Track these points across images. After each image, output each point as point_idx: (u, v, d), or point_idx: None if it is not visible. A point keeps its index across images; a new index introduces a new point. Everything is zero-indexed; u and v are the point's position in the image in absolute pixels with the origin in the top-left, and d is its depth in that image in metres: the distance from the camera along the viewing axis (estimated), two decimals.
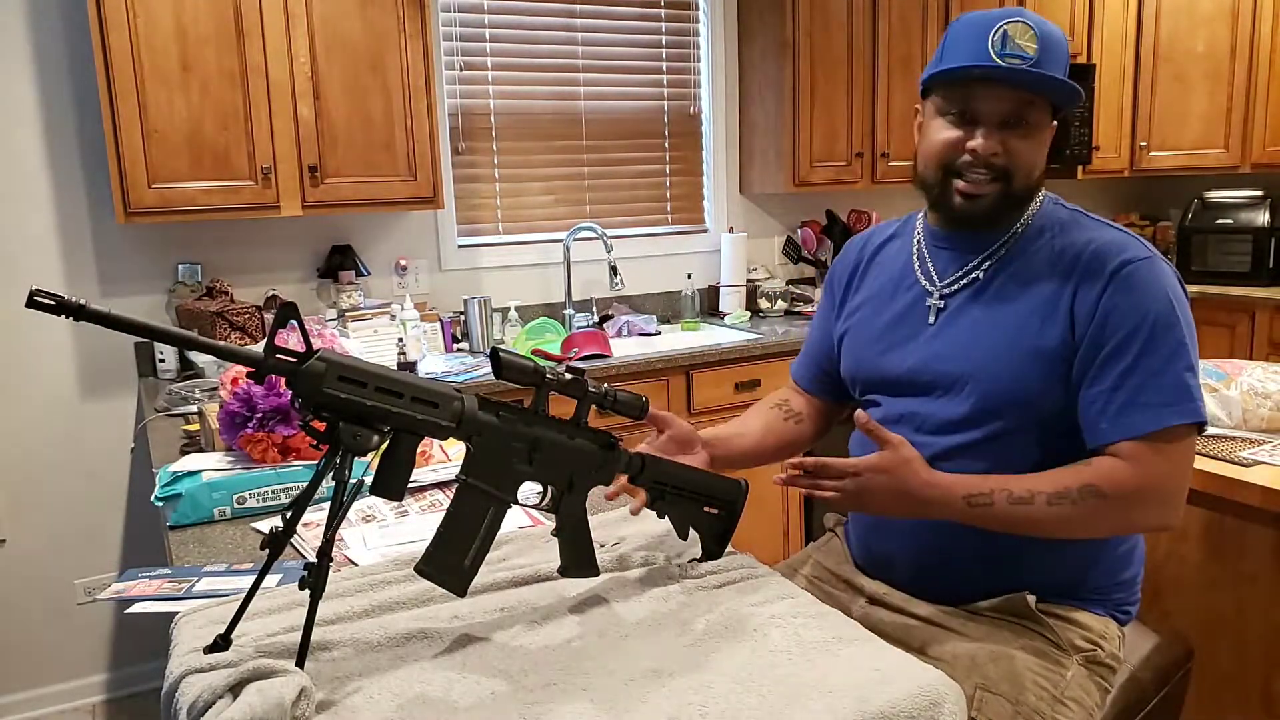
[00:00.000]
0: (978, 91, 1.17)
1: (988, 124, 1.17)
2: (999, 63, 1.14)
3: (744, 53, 3.51)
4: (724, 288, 3.49)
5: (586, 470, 1.14)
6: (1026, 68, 1.14)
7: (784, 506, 3.11)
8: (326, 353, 0.93)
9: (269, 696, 0.84)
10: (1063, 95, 1.17)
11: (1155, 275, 1.15)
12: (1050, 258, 1.21)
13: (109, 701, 2.81)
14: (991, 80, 1.16)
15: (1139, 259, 1.16)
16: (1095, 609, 1.25)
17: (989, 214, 1.22)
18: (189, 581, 1.21)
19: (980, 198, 1.20)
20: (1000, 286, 1.24)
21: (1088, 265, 1.17)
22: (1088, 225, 1.23)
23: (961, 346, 1.24)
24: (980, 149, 1.17)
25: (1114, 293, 1.14)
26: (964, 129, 1.19)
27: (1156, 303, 1.13)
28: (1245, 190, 3.85)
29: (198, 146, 2.41)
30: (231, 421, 1.59)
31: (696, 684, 0.94)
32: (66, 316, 0.81)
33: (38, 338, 2.62)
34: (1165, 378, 1.11)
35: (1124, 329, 1.13)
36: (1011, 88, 1.16)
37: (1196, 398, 1.12)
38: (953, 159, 1.20)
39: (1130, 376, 1.12)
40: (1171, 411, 1.11)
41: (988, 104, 1.17)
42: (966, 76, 1.17)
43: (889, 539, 1.33)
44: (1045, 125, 1.20)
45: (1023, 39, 1.14)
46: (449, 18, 3.05)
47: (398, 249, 3.05)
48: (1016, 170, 1.19)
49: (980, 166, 1.18)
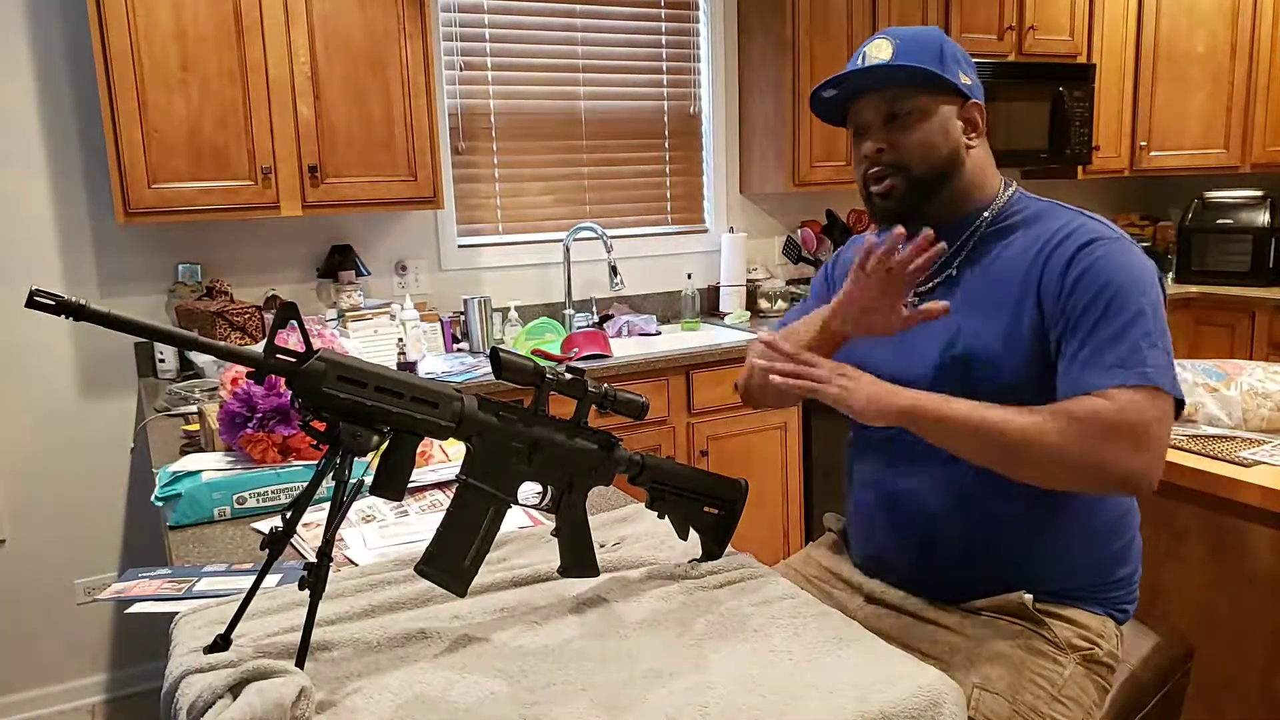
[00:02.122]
0: (856, 106, 1.29)
1: (873, 130, 1.27)
2: (846, 72, 1.24)
3: (744, 53, 3.51)
4: (724, 288, 3.49)
5: (586, 470, 1.14)
6: (873, 69, 1.23)
7: (784, 506, 3.11)
8: (326, 353, 0.93)
9: (269, 696, 0.84)
10: (920, 78, 1.23)
11: (1120, 252, 1.17)
12: (1023, 247, 1.23)
13: (109, 701, 2.81)
14: (861, 91, 1.26)
15: (1106, 239, 1.18)
16: (1092, 608, 1.25)
17: (904, 203, 1.26)
18: (189, 581, 1.21)
19: (889, 194, 1.27)
20: (973, 279, 1.26)
21: (1055, 248, 1.19)
22: (1060, 214, 1.25)
23: (938, 341, 1.26)
24: (866, 151, 1.27)
25: (1076, 267, 1.16)
26: (861, 142, 1.29)
27: (1118, 276, 1.14)
28: (1245, 190, 3.85)
29: (197, 146, 2.41)
30: (231, 421, 1.59)
31: (696, 684, 0.94)
32: (66, 316, 0.81)
33: (38, 338, 2.62)
34: (1121, 342, 1.11)
35: (1086, 297, 1.14)
36: (878, 90, 1.25)
37: (1150, 363, 1.10)
38: (863, 170, 1.30)
39: (1089, 340, 1.13)
40: (1121, 371, 1.10)
41: (864, 114, 1.28)
42: (821, 97, 1.29)
43: (887, 538, 1.33)
44: (932, 111, 1.25)
45: (878, 51, 1.24)
46: (449, 18, 3.05)
47: (398, 249, 3.05)
48: (909, 158, 1.25)
49: (875, 167, 1.27)
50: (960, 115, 1.27)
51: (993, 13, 3.61)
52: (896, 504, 1.31)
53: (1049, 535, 1.23)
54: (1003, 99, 3.53)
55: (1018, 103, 3.61)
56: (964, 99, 1.27)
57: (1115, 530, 1.27)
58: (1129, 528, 1.29)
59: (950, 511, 1.25)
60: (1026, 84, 3.63)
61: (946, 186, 1.27)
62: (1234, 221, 3.84)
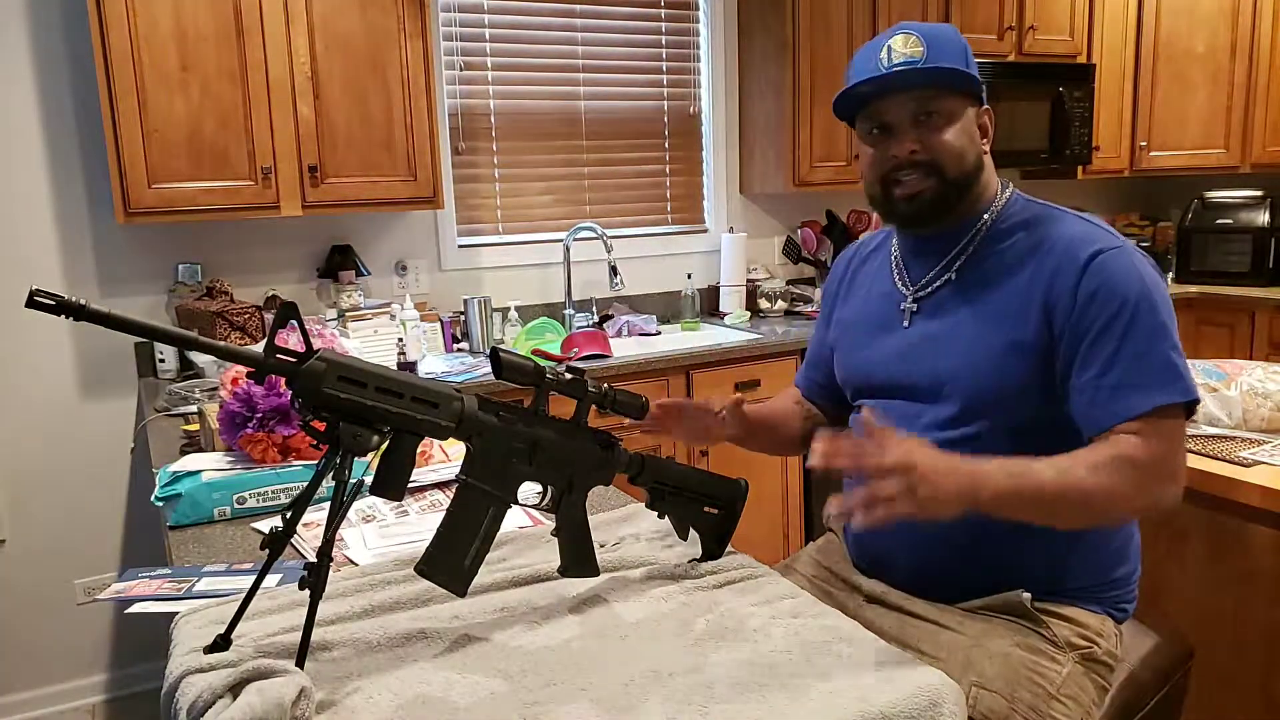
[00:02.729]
0: (882, 104, 1.24)
1: (901, 129, 1.24)
2: (885, 71, 1.21)
3: (744, 53, 3.51)
4: (724, 288, 3.49)
5: (586, 470, 1.14)
6: (912, 68, 1.20)
7: (784, 506, 3.11)
8: (326, 353, 0.93)
9: (269, 696, 0.84)
10: (957, 80, 1.22)
11: (1129, 262, 1.17)
12: (1022, 253, 1.23)
13: (109, 701, 2.81)
14: (890, 89, 1.22)
15: (1110, 248, 1.17)
16: (1091, 606, 1.25)
17: (935, 207, 1.25)
18: (189, 581, 1.21)
19: (920, 194, 1.24)
20: (975, 285, 1.26)
21: (1060, 258, 1.19)
22: (1058, 218, 1.25)
23: (940, 346, 1.26)
24: (900, 152, 1.24)
25: (1089, 282, 1.15)
26: (885, 141, 1.26)
27: (1133, 287, 1.14)
28: (1245, 190, 3.85)
29: (198, 146, 2.41)
30: (231, 421, 1.59)
31: (696, 684, 0.94)
32: (67, 316, 0.81)
33: (38, 338, 2.62)
34: (1152, 358, 1.12)
35: (1104, 315, 1.14)
36: (907, 89, 1.22)
37: (1184, 375, 1.12)
38: (885, 171, 1.26)
39: (1117, 360, 1.12)
40: (1163, 391, 1.11)
41: (894, 112, 1.24)
42: (860, 92, 1.24)
43: (885, 538, 1.33)
44: (960, 113, 1.24)
45: (907, 46, 1.21)
46: (449, 17, 3.05)
47: (398, 249, 3.05)
48: (944, 159, 1.23)
49: (907, 167, 1.24)
50: (977, 119, 1.27)
51: (993, 13, 3.61)
52: None
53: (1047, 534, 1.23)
54: (1003, 99, 3.53)
55: (1018, 103, 3.61)
56: (980, 103, 1.27)
57: (1113, 529, 1.27)
58: (1127, 526, 1.29)
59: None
60: (1026, 84, 3.63)
61: (971, 191, 1.26)
62: (1234, 221, 3.84)
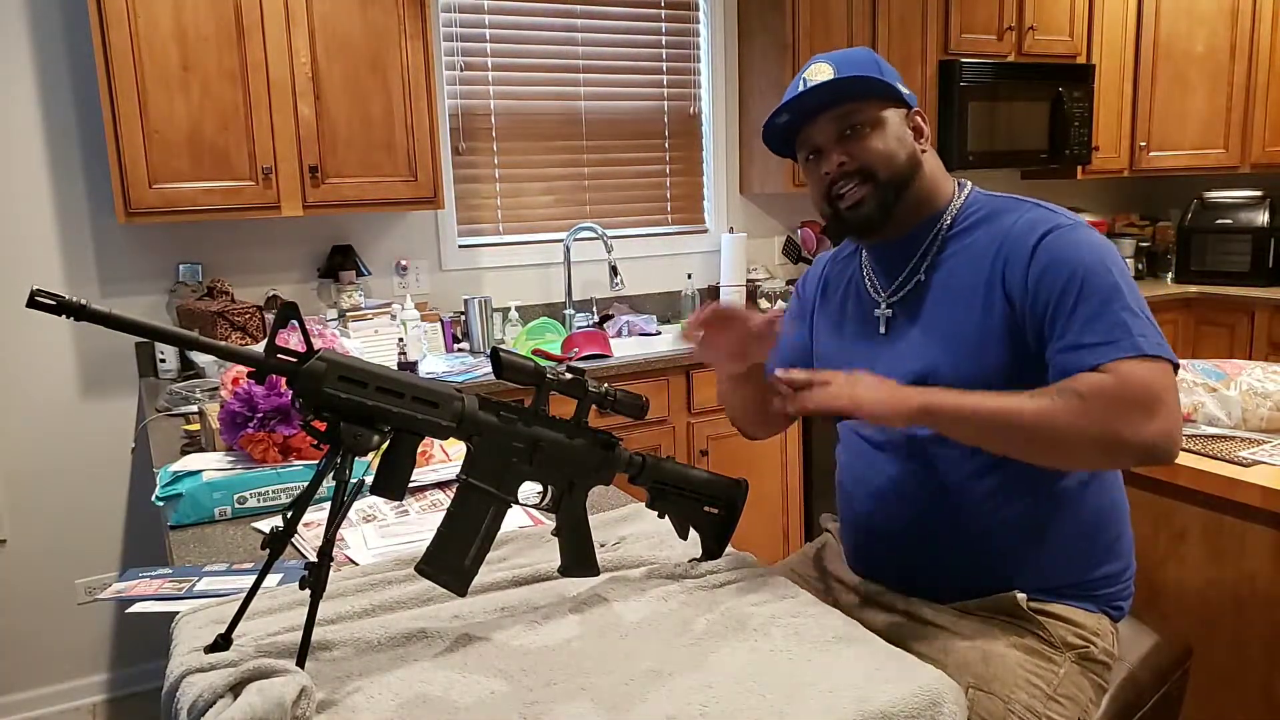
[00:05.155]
0: (810, 130, 1.30)
1: (828, 147, 1.28)
2: (799, 93, 1.26)
3: (744, 53, 3.51)
4: (724, 288, 3.49)
5: (586, 470, 1.14)
6: (822, 85, 1.24)
7: (784, 506, 3.11)
8: (327, 353, 0.93)
9: (269, 696, 0.85)
10: (873, 88, 1.26)
11: (1075, 236, 1.18)
12: (985, 244, 1.25)
13: (109, 701, 2.81)
14: (810, 113, 1.28)
15: (1058, 227, 1.19)
16: (1087, 605, 1.25)
17: (879, 210, 1.27)
18: (189, 581, 1.21)
19: (860, 202, 1.27)
20: (942, 283, 1.27)
21: (1014, 242, 1.20)
22: (1014, 208, 1.26)
23: (917, 347, 1.27)
24: (830, 168, 1.28)
25: (1038, 261, 1.17)
26: (819, 163, 1.31)
27: (1081, 256, 1.15)
28: (1245, 190, 3.85)
29: (198, 146, 2.41)
30: (232, 421, 1.59)
31: (696, 684, 0.94)
32: (67, 316, 0.81)
33: (38, 338, 2.62)
34: (1105, 318, 1.12)
35: (1056, 288, 1.15)
36: (826, 109, 1.27)
37: (1136, 332, 1.11)
38: (825, 189, 1.30)
39: (1071, 325, 1.14)
40: (1113, 346, 1.11)
41: (821, 133, 1.29)
42: (776, 124, 1.31)
43: (881, 539, 1.33)
44: (881, 119, 1.27)
45: (818, 74, 1.26)
46: (449, 18, 3.05)
47: (398, 249, 3.05)
48: (873, 163, 1.26)
49: (841, 179, 1.28)
50: (908, 122, 1.30)
51: (992, 13, 3.61)
52: (886, 503, 1.31)
53: (1035, 529, 1.23)
54: (1002, 99, 3.53)
55: (1017, 103, 3.61)
56: (908, 106, 1.30)
57: (1101, 523, 1.27)
58: (1116, 522, 1.29)
59: (939, 510, 1.26)
60: (1026, 84, 3.63)
61: (910, 190, 1.28)
62: (1233, 221, 3.84)
